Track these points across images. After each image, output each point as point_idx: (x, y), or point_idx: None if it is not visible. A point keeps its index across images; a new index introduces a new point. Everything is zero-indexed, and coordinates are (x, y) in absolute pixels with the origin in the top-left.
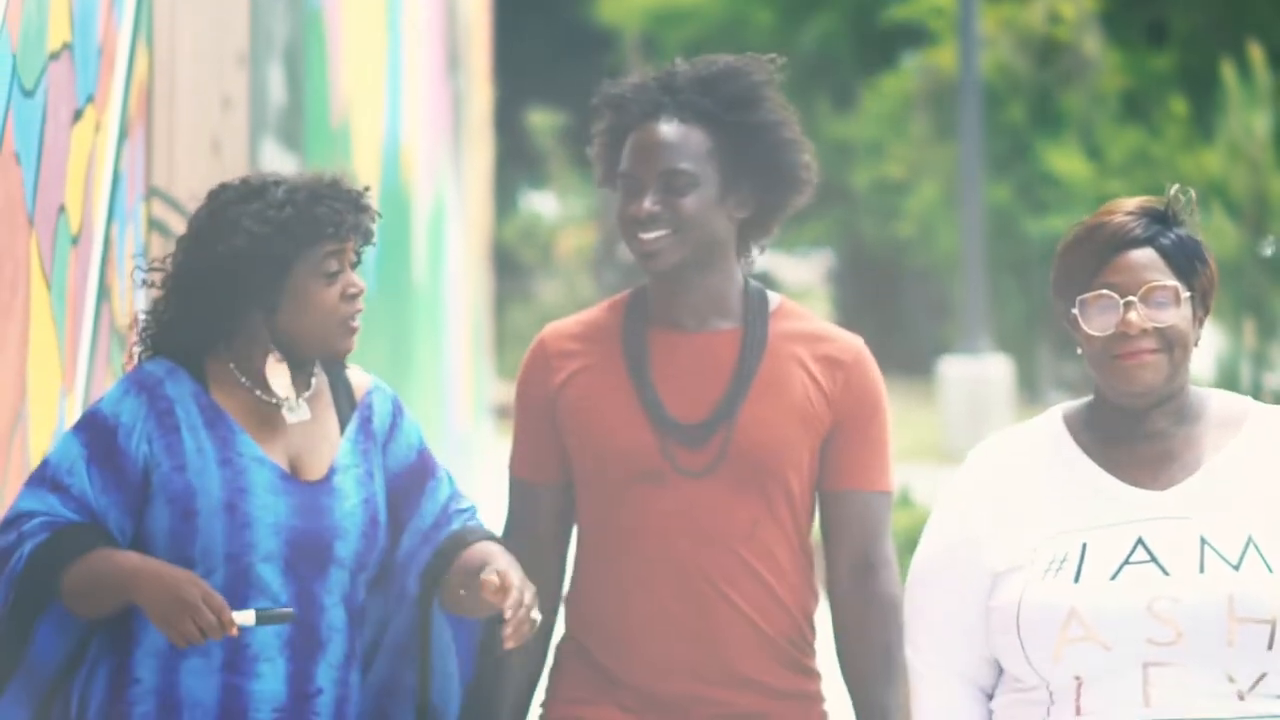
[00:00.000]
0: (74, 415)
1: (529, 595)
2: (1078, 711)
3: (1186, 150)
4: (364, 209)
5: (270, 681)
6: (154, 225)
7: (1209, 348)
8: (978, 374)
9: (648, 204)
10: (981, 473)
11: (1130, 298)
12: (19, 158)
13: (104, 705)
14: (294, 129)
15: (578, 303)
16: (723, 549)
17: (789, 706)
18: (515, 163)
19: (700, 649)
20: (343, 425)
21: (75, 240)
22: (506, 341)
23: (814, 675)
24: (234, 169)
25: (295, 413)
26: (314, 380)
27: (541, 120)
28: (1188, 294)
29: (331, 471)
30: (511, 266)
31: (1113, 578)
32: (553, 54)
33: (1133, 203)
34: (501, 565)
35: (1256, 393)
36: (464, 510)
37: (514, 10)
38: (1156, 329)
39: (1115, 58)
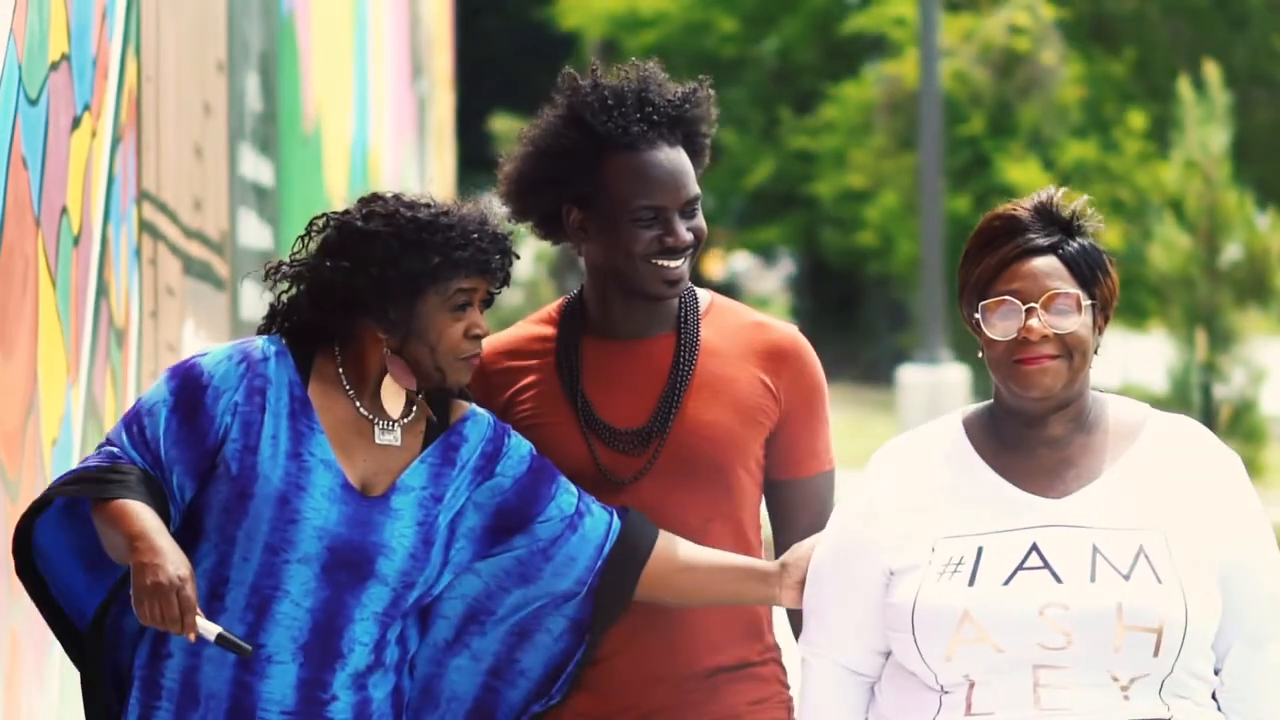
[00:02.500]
0: (80, 406)
1: None
2: (968, 710)
3: (1143, 164)
4: (507, 252)
5: (279, 683)
6: (145, 227)
7: (1161, 359)
8: (936, 382)
9: (684, 234)
10: (882, 476)
11: (1032, 304)
12: (26, 162)
13: (146, 666)
14: (268, 135)
15: (539, 308)
16: None
17: (740, 683)
18: (476, 167)
19: (661, 643)
20: (425, 447)
21: (76, 240)
22: None
23: (772, 656)
24: (214, 174)
25: (386, 435)
26: (415, 406)
27: (503, 125)
28: (1089, 302)
29: (392, 490)
30: None
31: (1006, 582)
32: (513, 59)
33: (1035, 202)
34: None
35: (1207, 403)
36: (595, 504)
37: (475, 15)
38: (1057, 335)
39: (1075, 69)
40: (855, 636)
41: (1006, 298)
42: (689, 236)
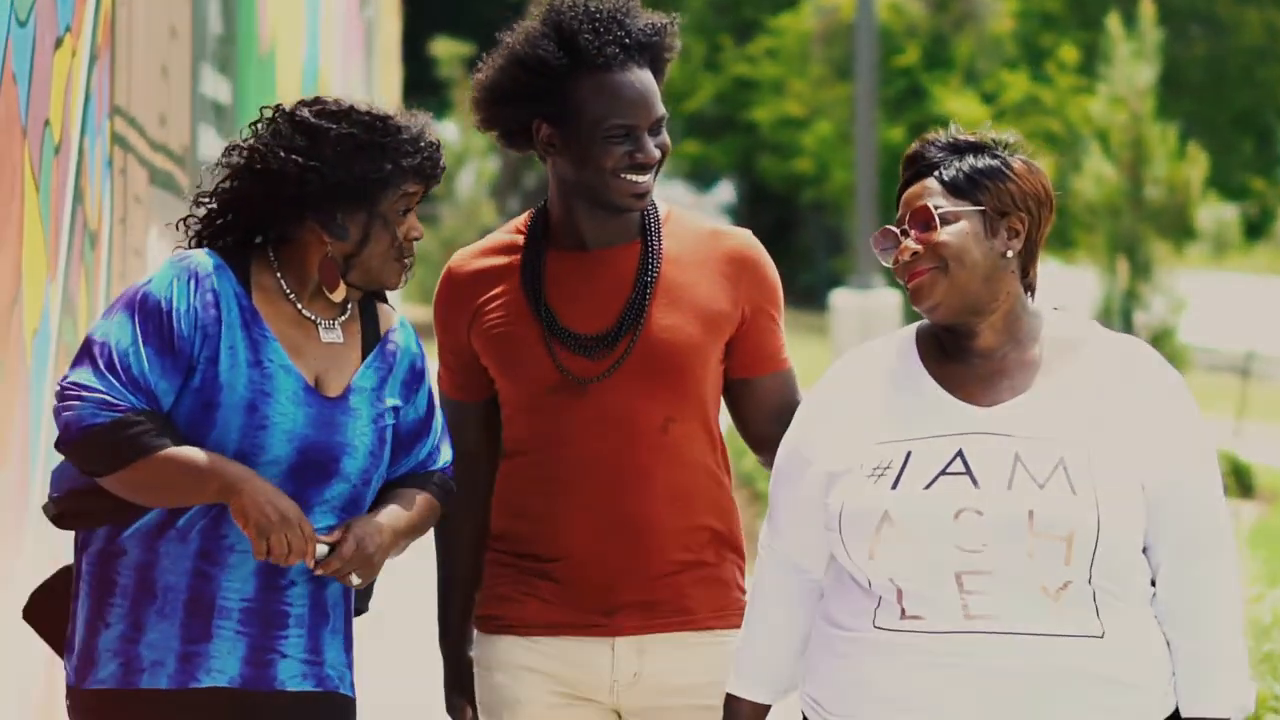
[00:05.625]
0: (57, 302)
1: (348, 563)
2: (902, 614)
3: (1075, 96)
4: (442, 160)
5: (239, 572)
6: (116, 139)
7: (1083, 289)
8: (867, 306)
9: (653, 150)
10: (835, 382)
11: (904, 227)
12: (15, 78)
13: (96, 563)
14: (227, 56)
15: (479, 228)
16: (638, 447)
17: (703, 587)
18: (420, 91)
19: (620, 540)
20: (365, 353)
21: (57, 150)
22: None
23: (730, 559)
24: (178, 91)
25: (330, 333)
26: (350, 306)
27: (445, 49)
28: (970, 210)
29: (349, 390)
30: None
31: (927, 486)
32: None
33: (948, 136)
34: (354, 528)
35: (1127, 330)
36: (429, 469)
37: None
38: (929, 249)
39: (1010, 3)
40: (802, 535)
41: (888, 227)
42: (657, 153)
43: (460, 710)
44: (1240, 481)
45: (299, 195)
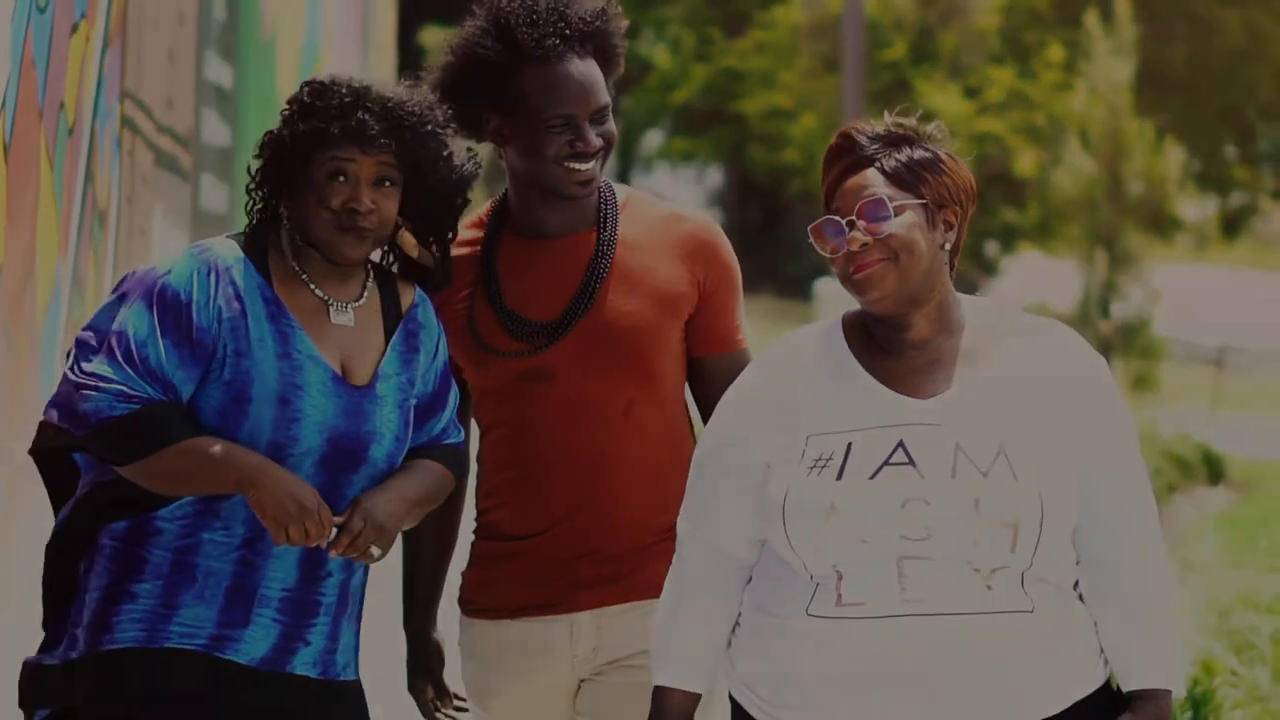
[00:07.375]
0: (68, 278)
1: (361, 538)
2: (839, 600)
3: (1058, 91)
4: (405, 125)
5: (283, 562)
6: (126, 122)
7: (1066, 281)
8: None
9: (594, 139)
10: (763, 372)
11: (850, 218)
12: (34, 63)
13: (124, 540)
14: (230, 42)
15: (471, 213)
16: (602, 431)
17: (667, 557)
18: (412, 79)
19: (586, 521)
20: (388, 335)
21: (71, 132)
22: None
23: None
24: (184, 76)
25: (341, 315)
26: (366, 290)
27: (433, 38)
28: (915, 202)
29: (376, 378)
30: None
31: (872, 476)
32: None
33: (875, 127)
34: (361, 503)
35: (1105, 319)
36: (444, 442)
37: None
38: (878, 240)
39: None
40: (729, 523)
41: (831, 217)
42: (599, 141)
43: (422, 691)
44: (1212, 470)
45: (265, 163)
